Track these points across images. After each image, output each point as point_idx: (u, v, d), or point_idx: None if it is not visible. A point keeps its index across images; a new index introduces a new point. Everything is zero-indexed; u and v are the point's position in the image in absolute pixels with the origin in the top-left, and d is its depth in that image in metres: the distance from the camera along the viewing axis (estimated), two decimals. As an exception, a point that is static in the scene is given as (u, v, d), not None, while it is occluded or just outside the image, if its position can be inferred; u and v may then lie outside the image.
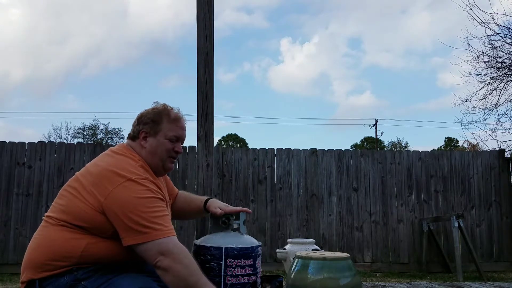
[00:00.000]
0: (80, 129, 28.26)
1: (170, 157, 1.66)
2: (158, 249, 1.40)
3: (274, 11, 74.64)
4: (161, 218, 1.45)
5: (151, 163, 1.63)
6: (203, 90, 5.22)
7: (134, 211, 1.42)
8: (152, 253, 1.40)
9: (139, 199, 1.44)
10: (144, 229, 1.41)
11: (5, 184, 5.85)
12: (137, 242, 1.41)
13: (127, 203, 1.43)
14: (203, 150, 5.08)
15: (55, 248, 1.47)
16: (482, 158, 6.66)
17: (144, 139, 1.65)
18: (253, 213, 6.18)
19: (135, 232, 1.41)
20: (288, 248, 2.33)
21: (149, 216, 1.42)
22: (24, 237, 5.64)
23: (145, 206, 1.43)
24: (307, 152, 6.47)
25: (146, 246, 1.40)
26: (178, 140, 1.68)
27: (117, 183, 1.45)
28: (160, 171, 1.67)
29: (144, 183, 1.48)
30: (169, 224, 1.47)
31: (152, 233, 1.41)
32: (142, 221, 1.41)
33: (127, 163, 1.55)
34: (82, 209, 1.46)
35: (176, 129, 1.67)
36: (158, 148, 1.63)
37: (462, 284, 3.35)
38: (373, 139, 37.89)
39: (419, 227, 6.32)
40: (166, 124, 1.65)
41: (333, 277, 1.52)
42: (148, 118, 1.65)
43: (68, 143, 6.52)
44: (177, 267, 1.40)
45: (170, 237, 1.43)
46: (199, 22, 5.50)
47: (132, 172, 1.50)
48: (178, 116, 1.69)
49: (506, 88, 8.51)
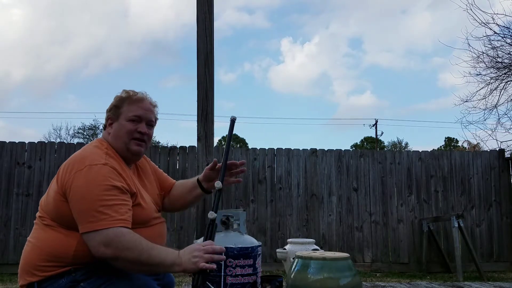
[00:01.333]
0: (80, 129, 28.34)
1: (133, 139, 1.62)
2: (100, 240, 1.37)
3: (275, 11, 74.73)
4: (110, 207, 1.40)
5: (116, 148, 1.61)
6: (203, 90, 5.22)
7: (84, 198, 1.41)
8: (94, 243, 1.37)
9: (90, 186, 1.42)
10: (89, 218, 1.39)
11: (5, 184, 5.85)
12: (84, 230, 1.40)
13: (79, 190, 1.42)
14: (203, 150, 5.08)
15: (49, 249, 1.46)
16: (482, 158, 6.66)
17: (110, 125, 1.65)
18: (253, 213, 6.18)
19: (82, 220, 1.40)
20: (288, 248, 2.33)
21: (97, 204, 1.39)
22: (24, 237, 5.63)
23: (94, 194, 1.41)
24: (307, 152, 6.47)
25: (90, 235, 1.38)
26: (141, 120, 1.64)
27: (76, 170, 1.45)
28: (127, 155, 1.63)
29: (100, 169, 1.45)
30: (117, 214, 1.40)
31: (96, 222, 1.38)
32: (89, 209, 1.39)
33: (91, 151, 1.54)
34: (52, 204, 1.49)
35: (137, 109, 1.63)
36: (120, 131, 1.61)
37: (462, 284, 3.35)
38: (373, 139, 37.90)
39: (419, 227, 6.32)
40: (127, 106, 1.63)
41: (333, 277, 1.52)
42: (111, 104, 1.66)
43: (68, 143, 6.52)
44: (123, 254, 1.37)
45: (113, 227, 1.38)
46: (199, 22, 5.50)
47: (92, 158, 1.48)
48: (139, 97, 1.66)
49: (506, 88, 8.53)
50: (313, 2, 76.64)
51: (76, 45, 58.29)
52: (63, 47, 58.48)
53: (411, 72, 70.75)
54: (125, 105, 1.63)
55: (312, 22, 75.32)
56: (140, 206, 1.55)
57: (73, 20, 58.02)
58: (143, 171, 1.76)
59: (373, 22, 71.48)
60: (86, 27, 59.83)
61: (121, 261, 1.38)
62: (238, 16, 73.56)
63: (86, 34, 59.63)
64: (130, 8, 66.07)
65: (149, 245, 1.40)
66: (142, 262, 1.38)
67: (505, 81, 8.49)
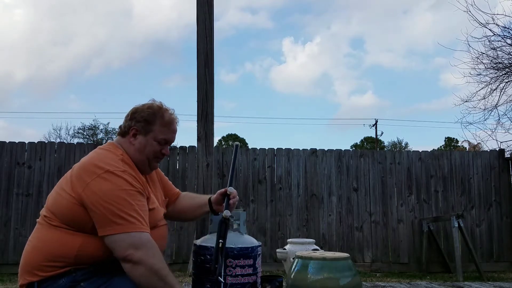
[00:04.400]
0: (80, 129, 28.29)
1: (156, 157, 1.67)
2: (131, 242, 1.40)
3: (278, 11, 74.65)
4: (137, 212, 1.44)
5: (137, 160, 1.63)
6: (203, 90, 5.23)
7: (110, 202, 1.42)
8: (123, 244, 1.40)
9: (116, 190, 1.44)
10: (118, 220, 1.41)
11: (5, 184, 5.84)
12: (111, 232, 1.41)
13: (103, 194, 1.43)
14: (203, 150, 5.09)
15: (50, 249, 1.47)
16: (482, 158, 6.66)
17: (133, 136, 1.65)
18: (253, 213, 6.18)
19: (109, 223, 1.41)
20: (288, 248, 2.33)
21: (124, 208, 1.42)
22: (24, 237, 5.64)
23: (121, 198, 1.43)
24: (307, 152, 6.48)
25: (119, 237, 1.40)
26: (167, 143, 1.68)
27: (95, 175, 1.46)
28: (146, 169, 1.67)
29: (122, 175, 1.48)
30: (144, 219, 1.46)
31: (126, 224, 1.41)
32: (118, 211, 1.41)
33: (107, 156, 1.55)
34: (64, 206, 1.48)
35: (167, 132, 1.66)
36: (146, 148, 1.64)
37: (462, 284, 3.35)
38: (373, 139, 37.90)
39: (419, 227, 6.32)
40: (158, 126, 1.64)
41: (333, 277, 1.52)
42: (142, 116, 1.64)
43: (68, 143, 6.53)
44: (150, 260, 1.40)
45: (144, 232, 1.43)
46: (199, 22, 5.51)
47: (110, 164, 1.50)
48: (171, 119, 1.68)
49: (506, 88, 8.52)
50: (316, 2, 76.66)
51: (78, 45, 58.35)
52: (66, 47, 58.51)
53: (412, 72, 70.77)
54: (157, 124, 1.64)
55: (313, 22, 75.29)
56: (151, 211, 1.57)
57: (76, 20, 58.09)
58: (151, 177, 1.79)
59: (374, 22, 71.51)
60: (89, 28, 59.89)
61: (142, 268, 1.40)
62: (241, 16, 73.60)
63: (89, 34, 59.67)
64: (133, 8, 66.07)
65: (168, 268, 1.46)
66: (161, 276, 1.41)
67: (505, 81, 8.49)
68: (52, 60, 58.69)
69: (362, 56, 72.72)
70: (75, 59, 58.44)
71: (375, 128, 34.67)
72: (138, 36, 65.10)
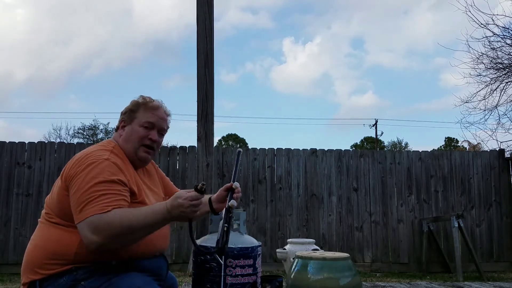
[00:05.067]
0: (80, 129, 28.31)
1: (143, 145, 1.65)
2: (88, 228, 1.36)
3: (278, 11, 74.61)
4: (100, 197, 1.40)
5: (125, 150, 1.64)
6: (203, 90, 5.23)
7: (79, 193, 1.42)
8: (84, 233, 1.38)
9: (89, 180, 1.44)
10: (80, 208, 1.40)
11: (5, 184, 5.85)
12: (76, 221, 1.41)
13: (77, 185, 1.44)
14: (203, 150, 5.09)
15: (51, 247, 1.48)
16: (482, 158, 6.67)
17: (122, 128, 1.68)
18: (253, 213, 6.18)
19: (75, 212, 1.42)
20: (288, 248, 2.33)
21: (89, 196, 1.40)
22: (24, 237, 5.64)
23: (89, 187, 1.42)
24: (307, 152, 6.48)
25: (80, 226, 1.40)
26: (153, 127, 1.68)
27: (78, 166, 1.48)
28: (134, 160, 1.66)
29: (101, 164, 1.48)
30: (106, 201, 1.40)
31: (85, 211, 1.38)
32: (81, 202, 1.41)
33: (96, 149, 1.57)
34: (59, 200, 1.51)
35: (151, 116, 1.67)
36: (131, 135, 1.65)
37: (462, 284, 3.35)
38: (373, 139, 37.90)
39: (419, 227, 6.33)
40: (142, 112, 1.67)
41: (333, 277, 1.52)
42: (127, 108, 1.70)
43: (68, 143, 6.52)
44: (109, 239, 1.36)
45: (101, 213, 1.37)
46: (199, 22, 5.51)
47: (94, 156, 1.51)
48: (155, 105, 1.70)
49: (506, 88, 8.53)
50: (316, 3, 76.61)
51: (78, 45, 58.33)
52: (66, 47, 58.48)
53: (413, 72, 70.72)
54: (140, 111, 1.67)
55: (314, 22, 75.25)
56: (144, 204, 1.56)
57: (76, 20, 58.07)
58: (149, 174, 1.79)
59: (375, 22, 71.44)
60: (89, 28, 59.84)
61: (110, 245, 1.38)
62: (242, 16, 73.53)
63: (89, 34, 59.64)
64: (134, 8, 66.02)
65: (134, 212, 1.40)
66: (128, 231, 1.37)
67: (505, 81, 8.49)
68: (52, 60, 58.74)
69: (362, 56, 72.74)
70: (76, 59, 58.47)
71: (375, 128, 34.70)
72: (138, 36, 65.12)
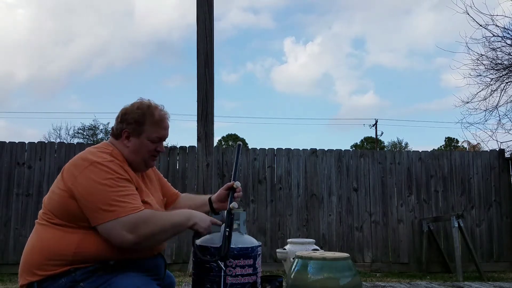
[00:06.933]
0: (80, 129, 28.28)
1: (152, 156, 1.71)
2: (122, 226, 1.42)
3: (280, 11, 74.57)
4: (125, 195, 1.47)
5: (133, 161, 1.66)
6: (203, 90, 5.23)
7: (97, 191, 1.45)
8: (116, 231, 1.42)
9: (102, 179, 1.47)
10: (108, 207, 1.43)
11: (5, 184, 5.85)
12: (103, 221, 1.43)
13: (90, 185, 1.46)
14: (203, 150, 5.09)
15: (49, 248, 1.47)
16: (482, 158, 6.66)
17: (127, 138, 1.67)
18: (253, 213, 6.18)
19: (99, 212, 1.43)
20: (288, 248, 2.33)
21: (112, 195, 1.45)
22: (24, 237, 5.64)
23: (107, 186, 1.46)
24: (307, 152, 6.48)
25: (111, 224, 1.42)
26: (160, 140, 1.71)
27: (83, 167, 1.49)
28: (142, 168, 1.72)
29: (108, 164, 1.51)
30: (135, 202, 1.48)
31: (116, 210, 1.43)
32: (106, 199, 1.44)
33: (95, 151, 1.59)
34: (58, 201, 1.51)
35: (159, 130, 1.69)
36: (141, 149, 1.66)
37: (462, 284, 3.35)
38: (373, 139, 37.90)
39: (419, 227, 6.33)
40: (150, 125, 1.66)
41: (333, 277, 1.52)
42: (132, 118, 1.66)
43: (68, 143, 6.52)
44: (146, 238, 1.46)
45: (133, 213, 1.44)
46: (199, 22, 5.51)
47: (97, 156, 1.54)
48: (161, 116, 1.70)
49: (506, 89, 8.52)
50: (318, 3, 76.55)
51: (79, 45, 58.31)
52: (68, 47, 58.47)
53: (414, 72, 70.70)
54: (147, 124, 1.66)
55: (315, 22, 75.19)
56: (147, 204, 1.58)
57: (77, 20, 58.03)
58: (148, 176, 1.80)
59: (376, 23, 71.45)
60: (90, 28, 59.87)
61: (144, 243, 1.48)
62: (243, 16, 73.50)
63: (90, 34, 59.65)
64: (135, 8, 66.00)
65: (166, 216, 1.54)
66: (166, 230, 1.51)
67: (506, 82, 8.49)
68: (53, 60, 58.74)
69: (363, 56, 72.73)
70: (76, 59, 58.48)
71: (375, 128, 34.69)
72: (139, 36, 65.11)
